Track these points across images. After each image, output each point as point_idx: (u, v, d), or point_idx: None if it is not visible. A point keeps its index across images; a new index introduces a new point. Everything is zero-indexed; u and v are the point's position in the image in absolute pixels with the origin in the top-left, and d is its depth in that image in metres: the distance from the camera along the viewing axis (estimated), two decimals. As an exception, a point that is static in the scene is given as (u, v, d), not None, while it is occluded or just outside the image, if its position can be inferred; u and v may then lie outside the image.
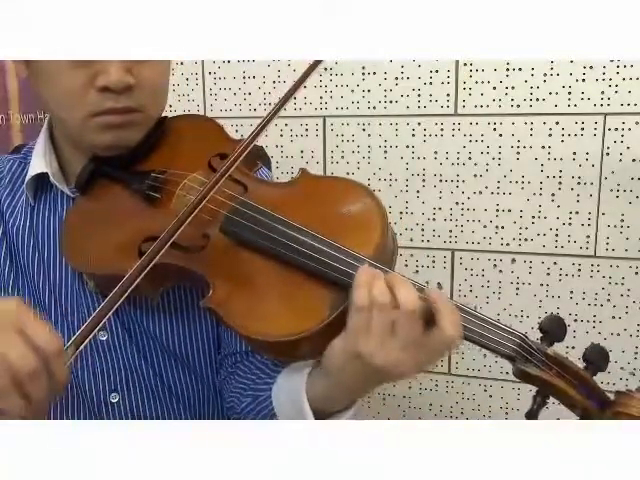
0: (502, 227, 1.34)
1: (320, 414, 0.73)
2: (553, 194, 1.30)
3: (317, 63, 0.78)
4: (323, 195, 0.79)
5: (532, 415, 0.66)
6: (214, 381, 0.91)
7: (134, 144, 0.85)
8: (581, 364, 0.67)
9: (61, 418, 0.86)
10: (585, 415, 0.66)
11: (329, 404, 0.73)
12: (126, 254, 0.77)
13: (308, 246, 0.71)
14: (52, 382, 0.59)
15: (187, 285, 0.86)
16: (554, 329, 0.68)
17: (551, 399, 0.67)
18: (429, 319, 0.64)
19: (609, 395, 0.67)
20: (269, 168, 1.26)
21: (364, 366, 0.65)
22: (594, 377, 0.66)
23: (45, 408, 0.61)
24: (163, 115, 0.90)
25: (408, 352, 0.64)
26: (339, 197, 0.78)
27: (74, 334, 0.85)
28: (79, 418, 0.86)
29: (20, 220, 0.88)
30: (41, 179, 0.87)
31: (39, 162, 0.87)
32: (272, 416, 0.78)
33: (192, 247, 0.76)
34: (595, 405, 0.65)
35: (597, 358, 0.66)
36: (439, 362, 1.42)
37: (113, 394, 0.86)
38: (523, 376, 0.66)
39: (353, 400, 0.74)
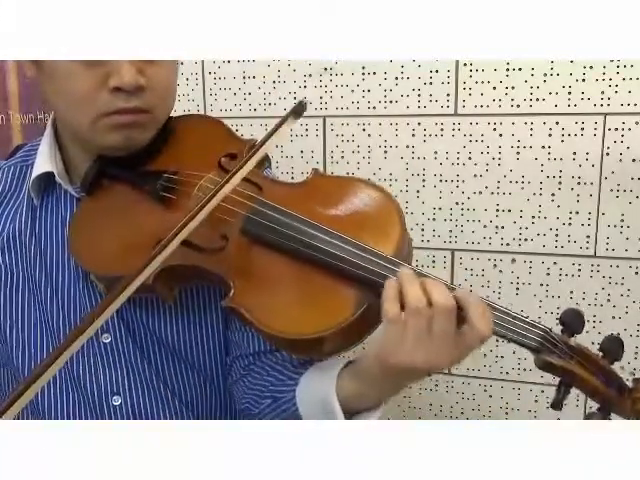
0: (502, 227, 1.34)
1: (349, 413, 0.74)
2: (553, 194, 1.30)
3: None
4: (338, 195, 0.79)
5: (557, 404, 0.68)
6: (220, 382, 0.91)
7: (143, 145, 0.85)
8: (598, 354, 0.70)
9: (62, 419, 0.86)
10: (604, 402, 0.68)
11: (359, 404, 0.74)
12: (141, 256, 0.77)
13: (332, 245, 0.71)
14: None
15: (204, 285, 0.86)
16: (574, 321, 0.71)
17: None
18: (460, 317, 0.66)
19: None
20: (269, 168, 1.26)
21: (401, 369, 0.67)
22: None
23: None
24: None
25: (443, 349, 0.66)
26: (355, 196, 0.78)
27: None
28: (80, 419, 0.86)
29: (22, 223, 0.87)
30: (46, 178, 0.87)
31: (44, 161, 0.87)
32: (294, 417, 0.78)
33: (211, 248, 0.76)
34: (614, 392, 0.68)
35: (613, 347, 0.70)
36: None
37: (115, 397, 0.85)
38: (546, 366, 0.68)
39: (383, 398, 0.75)
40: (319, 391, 0.75)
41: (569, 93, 1.25)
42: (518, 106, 1.29)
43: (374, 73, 1.36)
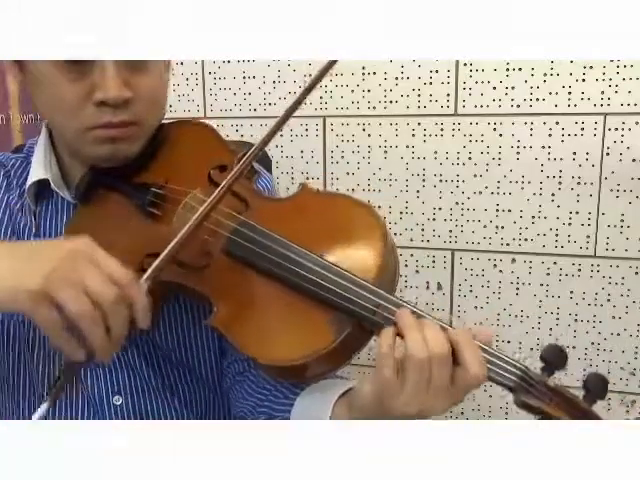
0: (502, 227, 1.34)
1: None
2: (553, 194, 1.30)
3: (332, 64, 0.77)
4: (324, 213, 0.78)
5: None
6: (217, 385, 0.91)
7: (132, 156, 0.84)
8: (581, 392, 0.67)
9: (65, 418, 0.86)
10: None
11: None
12: (127, 269, 0.77)
13: (311, 271, 0.70)
14: (132, 311, 0.61)
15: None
16: (554, 358, 0.67)
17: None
18: (453, 359, 0.64)
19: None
20: (269, 169, 1.26)
21: (396, 415, 0.65)
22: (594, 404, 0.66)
23: (122, 341, 0.62)
24: None
25: (438, 398, 0.64)
26: (341, 216, 0.76)
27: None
28: (83, 419, 0.86)
29: (26, 223, 0.87)
30: (42, 184, 0.87)
31: (39, 168, 0.87)
32: None
33: (194, 265, 0.76)
34: None
35: (597, 387, 0.66)
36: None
37: (116, 396, 0.85)
38: (524, 406, 0.65)
39: None
40: (314, 418, 0.73)
41: (569, 93, 1.25)
42: (518, 106, 1.29)
43: (374, 73, 1.36)
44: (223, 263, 0.76)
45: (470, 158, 1.33)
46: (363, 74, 1.36)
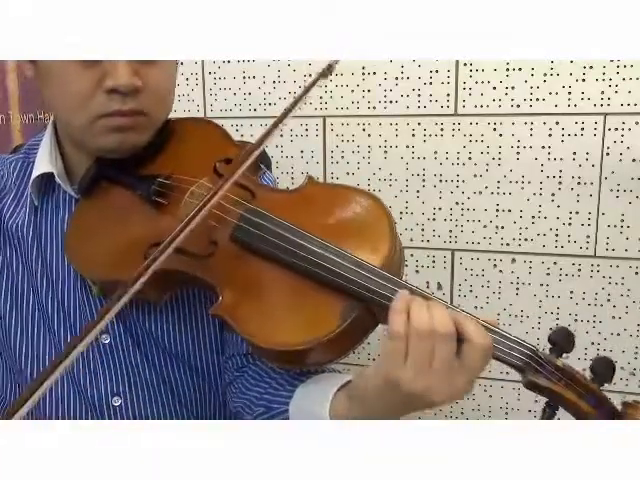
0: (502, 227, 1.34)
1: None
2: (553, 194, 1.30)
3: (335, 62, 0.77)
4: (330, 203, 0.78)
5: None
6: (218, 383, 0.91)
7: (140, 145, 0.84)
8: (588, 374, 0.67)
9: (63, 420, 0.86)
10: None
11: None
12: (132, 260, 0.77)
13: (319, 255, 0.70)
14: None
15: (194, 290, 0.86)
16: (563, 341, 0.68)
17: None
18: (458, 336, 0.64)
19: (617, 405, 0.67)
20: (269, 168, 1.26)
21: (400, 394, 0.64)
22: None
23: None
24: None
25: (444, 378, 0.63)
26: (347, 206, 0.77)
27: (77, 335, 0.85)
28: (81, 420, 0.86)
29: (24, 221, 0.87)
30: (46, 179, 0.87)
31: (44, 162, 0.87)
32: None
33: (199, 254, 0.76)
34: (603, 416, 0.65)
35: (604, 370, 0.66)
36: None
37: (115, 397, 0.85)
38: (533, 387, 0.66)
39: None
40: (312, 411, 0.73)
41: (569, 93, 1.25)
42: (518, 106, 1.29)
43: (374, 73, 1.36)
44: (230, 250, 0.76)
45: (470, 158, 1.33)
46: (363, 74, 1.36)
